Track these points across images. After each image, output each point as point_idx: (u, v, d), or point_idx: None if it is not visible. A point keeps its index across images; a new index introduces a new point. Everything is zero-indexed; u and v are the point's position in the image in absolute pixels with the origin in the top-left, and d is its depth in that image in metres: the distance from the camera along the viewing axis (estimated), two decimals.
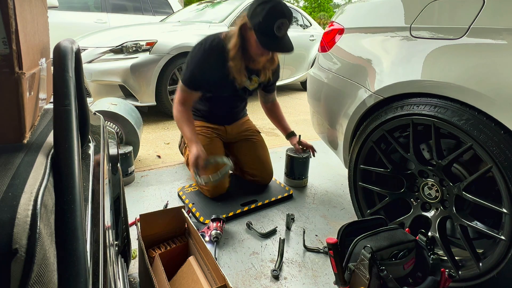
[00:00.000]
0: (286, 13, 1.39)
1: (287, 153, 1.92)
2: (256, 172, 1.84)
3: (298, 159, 1.88)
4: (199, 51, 1.54)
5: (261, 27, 1.39)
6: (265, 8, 1.36)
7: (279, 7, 1.38)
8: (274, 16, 1.37)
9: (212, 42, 1.53)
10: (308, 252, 1.39)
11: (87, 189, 0.46)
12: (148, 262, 0.98)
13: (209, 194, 1.70)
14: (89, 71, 2.87)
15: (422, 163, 1.14)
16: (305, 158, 1.89)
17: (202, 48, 1.53)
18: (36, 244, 0.26)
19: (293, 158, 1.89)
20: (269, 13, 1.36)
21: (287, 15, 1.40)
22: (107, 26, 4.63)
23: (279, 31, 1.39)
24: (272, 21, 1.37)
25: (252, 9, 1.42)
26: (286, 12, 1.39)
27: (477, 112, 0.93)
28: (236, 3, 3.91)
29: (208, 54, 1.52)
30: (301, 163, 1.90)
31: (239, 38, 1.47)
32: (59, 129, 0.38)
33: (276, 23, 1.37)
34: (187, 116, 1.62)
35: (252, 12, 1.41)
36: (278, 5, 1.38)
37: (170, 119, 3.34)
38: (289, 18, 1.42)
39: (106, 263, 0.45)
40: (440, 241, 1.11)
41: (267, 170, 1.85)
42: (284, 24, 1.39)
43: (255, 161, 1.83)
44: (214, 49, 1.52)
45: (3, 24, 0.35)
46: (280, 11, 1.38)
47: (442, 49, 1.05)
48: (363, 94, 1.28)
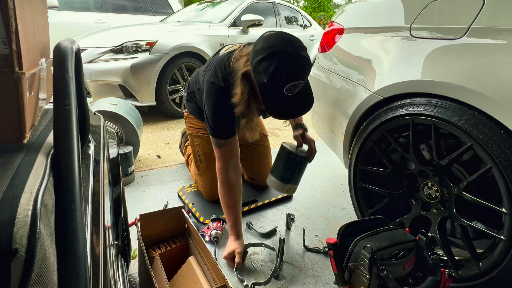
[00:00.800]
0: (299, 72, 1.04)
1: (282, 144, 1.47)
2: (255, 176, 1.84)
3: (291, 155, 1.40)
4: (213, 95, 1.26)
5: (266, 90, 1.07)
6: (271, 66, 1.02)
7: (289, 65, 1.02)
8: (282, 80, 1.03)
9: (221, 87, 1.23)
10: (308, 252, 1.39)
11: (87, 189, 0.46)
12: (148, 262, 0.98)
13: (208, 197, 1.69)
14: (89, 71, 2.87)
15: (422, 163, 1.14)
16: (299, 157, 1.42)
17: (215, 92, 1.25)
18: (36, 244, 0.26)
19: (285, 151, 1.42)
20: (276, 75, 1.02)
21: (300, 74, 1.05)
22: (107, 26, 4.63)
23: (292, 91, 1.06)
24: (280, 85, 1.04)
25: (254, 61, 1.07)
26: (298, 71, 1.04)
27: (477, 112, 0.93)
28: (236, 3, 3.91)
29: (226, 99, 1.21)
30: (292, 161, 1.41)
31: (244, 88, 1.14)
32: (59, 129, 0.38)
33: (286, 86, 1.04)
34: (235, 197, 1.33)
35: (255, 66, 1.07)
36: (286, 62, 1.02)
37: (170, 119, 3.34)
38: (305, 75, 1.07)
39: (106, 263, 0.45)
40: (440, 241, 1.11)
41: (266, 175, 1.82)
42: (298, 86, 1.06)
43: (257, 166, 1.81)
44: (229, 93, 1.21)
45: (3, 24, 0.35)
46: (290, 73, 1.03)
47: (442, 49, 1.05)
48: (363, 94, 1.28)
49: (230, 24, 3.67)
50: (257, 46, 1.10)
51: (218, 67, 1.27)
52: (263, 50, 1.05)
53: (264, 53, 1.05)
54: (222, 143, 1.31)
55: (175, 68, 3.16)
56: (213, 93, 1.26)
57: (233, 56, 1.24)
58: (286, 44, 1.05)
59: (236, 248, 1.28)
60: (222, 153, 1.32)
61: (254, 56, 1.08)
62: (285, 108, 1.12)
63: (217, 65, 1.27)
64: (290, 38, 1.09)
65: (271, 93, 1.07)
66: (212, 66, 1.30)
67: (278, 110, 1.13)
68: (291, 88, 1.05)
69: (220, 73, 1.24)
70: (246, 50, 1.20)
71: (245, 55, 1.18)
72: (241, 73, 1.14)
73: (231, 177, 1.33)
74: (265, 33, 1.14)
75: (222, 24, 3.64)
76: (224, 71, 1.24)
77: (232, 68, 1.21)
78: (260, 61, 1.05)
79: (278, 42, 1.06)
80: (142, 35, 3.07)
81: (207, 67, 1.39)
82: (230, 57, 1.26)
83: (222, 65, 1.26)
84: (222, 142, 1.31)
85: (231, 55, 1.27)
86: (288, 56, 1.03)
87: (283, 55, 1.03)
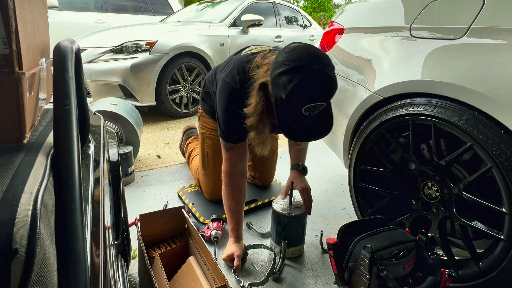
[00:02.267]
0: (323, 93, 0.94)
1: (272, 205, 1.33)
2: (257, 176, 1.83)
3: (284, 218, 1.28)
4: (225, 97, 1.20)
5: (283, 106, 0.97)
6: (293, 82, 0.91)
7: (313, 84, 0.92)
8: (303, 99, 0.93)
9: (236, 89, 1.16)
10: (308, 252, 1.39)
11: (87, 189, 0.46)
12: (148, 262, 0.98)
13: (209, 197, 1.69)
14: (89, 71, 2.87)
15: (422, 163, 1.14)
16: (293, 218, 1.27)
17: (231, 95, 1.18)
18: (36, 244, 0.26)
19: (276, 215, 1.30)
20: (296, 92, 0.92)
21: (324, 95, 0.95)
22: (107, 26, 4.63)
23: (311, 112, 0.95)
24: (299, 104, 0.93)
25: (274, 73, 0.97)
26: (323, 92, 0.94)
27: (477, 112, 0.93)
28: (236, 3, 3.91)
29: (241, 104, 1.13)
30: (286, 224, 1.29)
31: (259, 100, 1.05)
32: (59, 129, 0.38)
33: (306, 107, 0.93)
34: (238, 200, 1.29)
35: (275, 78, 0.96)
36: (311, 80, 0.91)
37: (170, 119, 3.34)
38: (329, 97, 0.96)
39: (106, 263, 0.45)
40: (440, 241, 1.11)
41: (269, 176, 1.83)
42: (319, 107, 0.95)
43: (260, 166, 1.80)
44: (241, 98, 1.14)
45: (3, 24, 0.35)
46: (313, 92, 0.93)
47: (442, 49, 1.05)
48: (363, 94, 1.28)
49: (230, 24, 3.67)
50: (280, 56, 0.98)
51: (236, 67, 1.19)
52: (286, 63, 0.94)
53: (286, 66, 0.93)
54: (230, 147, 1.26)
55: (175, 68, 3.15)
56: (226, 94, 1.19)
57: (255, 60, 1.15)
58: (312, 60, 0.93)
59: (235, 251, 1.26)
60: (230, 156, 1.28)
61: (275, 67, 0.97)
62: (300, 129, 1.01)
63: (236, 65, 1.20)
64: (319, 53, 0.97)
65: (287, 111, 0.97)
66: (231, 65, 1.23)
67: (292, 131, 1.03)
68: (311, 109, 0.94)
69: (237, 74, 1.17)
70: (269, 58, 1.10)
71: (266, 63, 1.08)
72: (259, 83, 1.05)
73: (236, 181, 1.29)
74: (292, 44, 1.01)
75: (222, 24, 3.64)
76: (242, 74, 1.16)
77: (250, 74, 1.13)
78: (281, 74, 0.94)
79: (304, 56, 0.94)
80: (142, 35, 3.07)
81: (226, 64, 1.32)
82: (251, 60, 1.17)
83: (241, 67, 1.18)
84: (231, 146, 1.26)
85: (252, 58, 1.18)
86: (313, 74, 0.92)
87: (307, 72, 0.91)
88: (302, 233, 1.35)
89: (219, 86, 1.25)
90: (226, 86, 1.20)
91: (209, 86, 1.51)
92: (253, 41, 3.82)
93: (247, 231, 1.51)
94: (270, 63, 1.04)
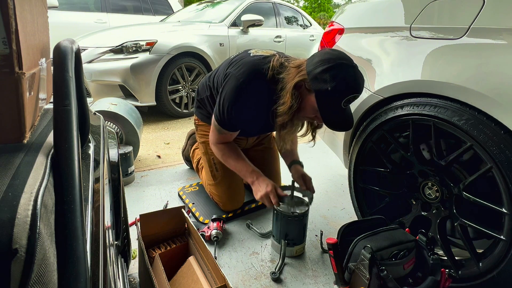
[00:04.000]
0: (360, 85, 1.12)
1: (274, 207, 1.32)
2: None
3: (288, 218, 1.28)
4: (240, 92, 1.25)
5: (326, 98, 1.10)
6: (337, 77, 1.07)
7: (353, 78, 1.09)
8: (346, 90, 1.08)
9: (255, 85, 1.24)
10: (308, 252, 1.39)
11: (87, 189, 0.46)
12: (148, 262, 0.98)
13: (226, 208, 1.60)
14: (89, 71, 2.87)
15: (422, 163, 1.14)
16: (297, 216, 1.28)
17: (244, 90, 1.25)
18: (36, 244, 0.26)
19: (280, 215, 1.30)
20: (341, 84, 1.07)
21: (361, 88, 1.13)
22: (107, 26, 4.63)
23: (347, 104, 1.12)
24: (342, 95, 1.08)
25: (317, 70, 1.10)
26: (360, 84, 1.11)
27: (477, 112, 0.93)
28: (236, 3, 3.91)
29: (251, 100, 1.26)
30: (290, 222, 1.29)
31: (293, 100, 1.15)
32: (59, 129, 0.38)
33: (347, 98, 1.09)
34: (232, 150, 1.41)
35: (317, 75, 1.09)
36: (351, 75, 1.09)
37: (170, 119, 3.34)
38: (362, 89, 1.14)
39: (106, 263, 0.45)
40: (440, 241, 1.11)
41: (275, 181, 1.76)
42: (354, 99, 1.12)
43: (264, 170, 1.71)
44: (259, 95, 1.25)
45: (3, 24, 0.35)
46: (354, 85, 1.09)
47: (442, 49, 1.05)
48: (363, 94, 1.28)
49: (230, 24, 3.67)
50: (316, 58, 1.13)
51: (254, 65, 1.25)
52: (329, 60, 1.09)
53: (331, 63, 1.08)
54: (224, 132, 1.37)
55: (175, 68, 3.16)
56: (239, 90, 1.24)
57: (271, 63, 1.23)
58: (349, 60, 1.11)
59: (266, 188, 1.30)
60: (220, 137, 1.40)
61: (316, 66, 1.11)
62: (339, 119, 1.15)
63: (253, 64, 1.26)
64: (346, 55, 1.14)
65: (330, 102, 1.11)
66: (246, 65, 1.27)
67: (334, 119, 1.16)
68: (350, 99, 1.10)
69: (256, 73, 1.24)
70: (294, 62, 1.21)
71: (295, 66, 1.18)
72: (293, 84, 1.15)
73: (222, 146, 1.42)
74: (324, 50, 1.18)
75: (222, 24, 3.64)
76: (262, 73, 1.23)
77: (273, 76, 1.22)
78: (326, 70, 1.08)
79: (343, 56, 1.11)
80: (142, 35, 3.07)
81: (235, 62, 1.34)
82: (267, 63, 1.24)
83: (259, 66, 1.24)
84: (225, 132, 1.37)
85: (267, 61, 1.25)
86: (354, 69, 1.10)
87: (350, 67, 1.09)
88: (304, 231, 1.36)
89: (230, 81, 1.28)
90: (238, 83, 1.24)
91: (202, 93, 1.55)
92: (253, 41, 3.82)
93: (247, 231, 1.51)
94: (299, 66, 1.17)
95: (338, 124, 1.17)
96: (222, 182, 1.57)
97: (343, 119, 1.15)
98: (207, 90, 1.50)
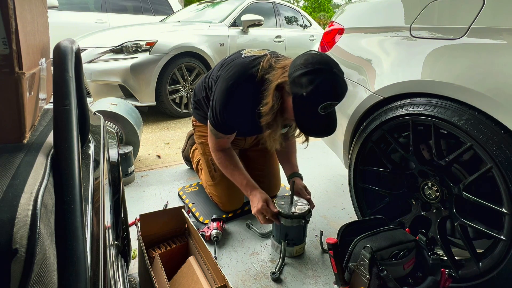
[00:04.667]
0: (339, 93, 1.08)
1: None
2: (263, 185, 1.68)
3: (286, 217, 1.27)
4: (230, 95, 1.26)
5: (301, 103, 1.08)
6: (313, 83, 1.03)
7: (331, 85, 1.05)
8: (321, 97, 1.05)
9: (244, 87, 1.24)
10: (308, 252, 1.39)
11: (87, 189, 0.46)
12: (148, 262, 0.98)
13: (226, 208, 1.60)
14: (89, 71, 2.87)
15: (422, 163, 1.14)
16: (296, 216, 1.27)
17: (233, 92, 1.25)
18: (36, 244, 0.26)
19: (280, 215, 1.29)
20: (316, 90, 1.04)
21: (340, 95, 1.08)
22: (107, 26, 4.63)
23: (325, 110, 1.08)
24: (317, 101, 1.05)
25: (296, 73, 1.08)
26: (339, 92, 1.07)
27: (477, 112, 0.93)
28: (236, 3, 3.91)
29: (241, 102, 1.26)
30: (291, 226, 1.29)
31: (275, 100, 1.15)
32: (59, 129, 0.38)
33: (323, 104, 1.05)
34: (230, 160, 1.41)
35: (295, 78, 1.07)
36: (329, 82, 1.05)
37: (170, 119, 3.34)
38: (342, 98, 1.09)
39: (106, 263, 0.45)
40: (440, 241, 1.11)
41: (275, 183, 1.75)
42: (332, 106, 1.09)
43: (264, 173, 1.73)
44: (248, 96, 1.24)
45: (3, 24, 0.35)
46: (331, 92, 1.06)
47: (442, 49, 1.05)
48: (363, 94, 1.28)
49: (230, 24, 3.67)
50: (299, 60, 1.11)
51: (244, 68, 1.26)
52: (308, 65, 1.07)
53: (309, 67, 1.06)
54: (221, 136, 1.38)
55: (175, 68, 3.16)
56: (231, 92, 1.25)
57: (261, 64, 1.23)
58: (331, 65, 1.08)
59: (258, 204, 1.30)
60: (219, 142, 1.41)
61: (295, 69, 1.09)
62: (314, 125, 1.13)
63: (242, 66, 1.27)
64: (333, 60, 1.11)
65: (305, 107, 1.08)
66: (236, 67, 1.28)
67: (308, 125, 1.14)
68: (327, 107, 1.07)
69: (246, 75, 1.24)
70: (282, 63, 1.20)
71: (281, 67, 1.17)
72: (275, 84, 1.14)
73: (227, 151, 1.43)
74: (309, 52, 1.16)
75: (222, 24, 3.64)
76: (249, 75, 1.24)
77: (262, 77, 1.21)
78: (304, 74, 1.06)
79: (324, 61, 1.08)
80: (142, 35, 3.07)
81: (226, 64, 1.36)
82: (257, 63, 1.25)
83: (248, 68, 1.25)
84: (222, 136, 1.38)
85: (257, 61, 1.26)
86: (333, 76, 1.06)
87: (329, 73, 1.05)
88: (304, 231, 1.36)
89: (220, 83, 1.30)
90: (228, 85, 1.26)
91: (199, 94, 1.56)
92: (253, 41, 3.82)
93: (247, 231, 1.51)
94: (285, 67, 1.15)
95: (313, 130, 1.16)
96: (221, 182, 1.57)
97: (320, 126, 1.13)
98: (203, 91, 1.52)
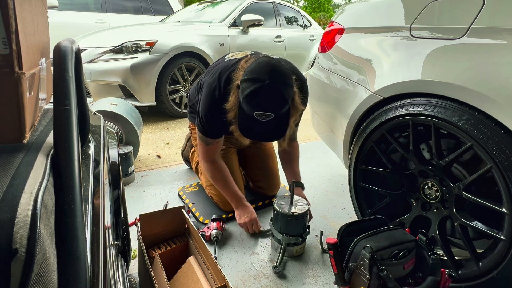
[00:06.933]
0: (272, 106, 1.10)
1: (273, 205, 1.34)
2: (262, 184, 1.74)
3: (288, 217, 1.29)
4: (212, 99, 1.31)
5: (242, 106, 1.15)
6: (248, 89, 1.10)
7: (263, 97, 1.09)
8: (252, 106, 1.11)
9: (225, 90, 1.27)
10: (308, 252, 1.39)
11: (87, 189, 0.46)
12: (148, 262, 0.98)
13: (224, 207, 1.60)
14: (89, 71, 2.87)
15: (422, 163, 1.14)
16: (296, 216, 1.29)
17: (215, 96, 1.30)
18: (36, 244, 0.26)
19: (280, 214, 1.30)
20: (249, 99, 1.10)
21: (271, 108, 1.10)
22: (107, 26, 4.63)
23: (261, 118, 1.12)
24: (249, 109, 1.12)
25: (242, 77, 1.15)
26: (272, 105, 1.10)
27: (477, 112, 0.93)
28: (236, 3, 3.91)
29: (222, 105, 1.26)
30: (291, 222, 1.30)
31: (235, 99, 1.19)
32: (59, 129, 0.38)
33: (255, 112, 1.11)
34: (219, 173, 1.46)
35: (241, 81, 1.15)
36: (262, 93, 1.08)
37: (170, 119, 3.34)
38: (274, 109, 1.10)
39: (106, 263, 0.45)
40: (440, 241, 1.11)
41: (274, 182, 1.75)
42: (267, 116, 1.11)
43: (263, 172, 1.74)
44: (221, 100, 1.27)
45: (3, 24, 0.35)
46: (261, 104, 1.10)
47: (442, 49, 1.05)
48: (363, 94, 1.28)
49: (230, 24, 3.67)
50: (250, 66, 1.18)
51: (221, 73, 1.31)
52: (250, 72, 1.14)
53: (249, 75, 1.13)
54: (210, 142, 1.42)
55: (175, 68, 3.16)
56: (210, 96, 1.31)
57: (240, 65, 1.27)
58: (268, 76, 1.10)
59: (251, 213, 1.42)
60: (209, 149, 1.44)
61: (244, 73, 1.16)
62: (250, 129, 1.19)
63: (221, 71, 1.32)
64: (276, 71, 1.12)
65: (244, 111, 1.15)
66: (218, 71, 1.33)
67: (244, 128, 1.20)
68: (260, 115, 1.11)
69: (222, 79, 1.29)
70: (248, 63, 1.24)
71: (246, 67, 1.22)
72: (237, 84, 1.20)
73: (217, 162, 1.48)
74: (262, 57, 1.21)
75: (222, 24, 3.64)
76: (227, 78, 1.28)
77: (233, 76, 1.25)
78: (243, 81, 1.14)
79: (263, 71, 1.11)
80: (142, 35, 3.07)
81: (210, 70, 1.42)
82: (236, 65, 1.29)
83: (226, 71, 1.30)
84: (211, 141, 1.42)
85: (237, 63, 1.30)
86: (264, 88, 1.09)
87: (259, 85, 1.09)
88: (303, 231, 1.36)
89: (204, 89, 1.37)
90: (210, 89, 1.32)
91: (193, 99, 1.60)
92: (253, 41, 3.82)
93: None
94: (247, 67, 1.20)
95: (251, 134, 1.22)
96: None
97: (258, 130, 1.18)
98: (196, 95, 1.54)
